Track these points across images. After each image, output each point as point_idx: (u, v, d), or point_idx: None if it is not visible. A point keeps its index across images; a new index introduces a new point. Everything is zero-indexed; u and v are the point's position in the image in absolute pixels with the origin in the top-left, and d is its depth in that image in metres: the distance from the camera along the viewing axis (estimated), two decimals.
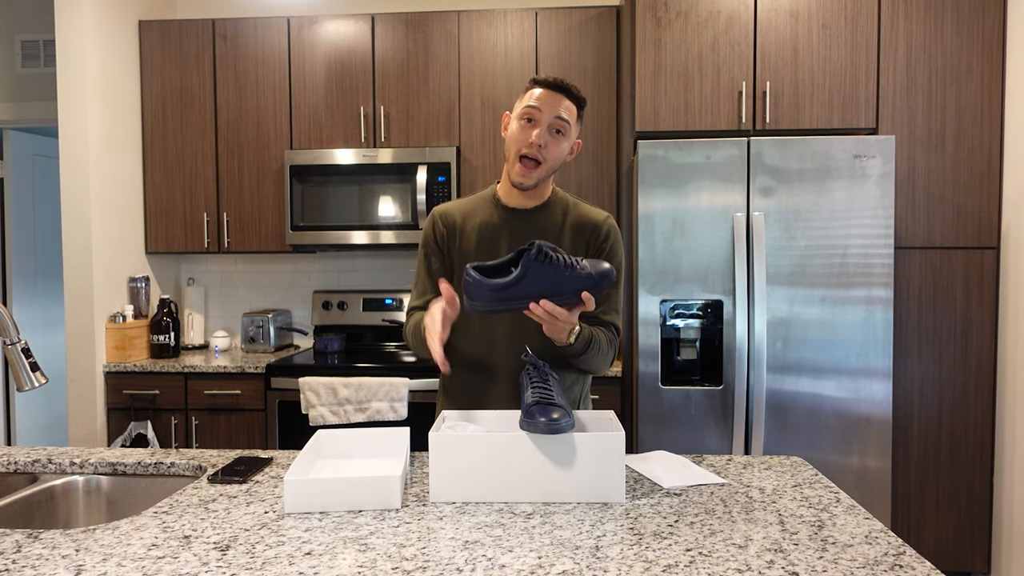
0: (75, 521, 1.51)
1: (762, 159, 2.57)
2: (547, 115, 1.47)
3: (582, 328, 1.43)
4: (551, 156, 1.50)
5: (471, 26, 3.15)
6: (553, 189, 1.63)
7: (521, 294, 1.30)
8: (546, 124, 1.48)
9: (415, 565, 0.99)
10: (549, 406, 1.27)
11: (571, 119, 1.50)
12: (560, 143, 1.51)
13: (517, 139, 1.50)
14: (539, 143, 1.47)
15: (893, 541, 1.07)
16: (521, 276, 1.29)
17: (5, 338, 1.34)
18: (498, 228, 1.59)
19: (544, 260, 1.28)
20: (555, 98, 1.48)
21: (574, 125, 1.51)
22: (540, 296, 1.30)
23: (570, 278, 1.30)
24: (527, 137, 1.49)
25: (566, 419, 1.24)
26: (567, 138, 1.51)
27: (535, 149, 1.48)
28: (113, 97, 3.13)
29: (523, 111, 1.49)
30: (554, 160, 1.51)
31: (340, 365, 2.92)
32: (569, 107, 1.50)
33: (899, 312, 2.76)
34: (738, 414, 2.57)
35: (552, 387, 1.34)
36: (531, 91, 1.51)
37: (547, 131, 1.48)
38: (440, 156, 3.09)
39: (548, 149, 1.49)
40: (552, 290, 1.30)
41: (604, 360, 1.55)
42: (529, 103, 1.49)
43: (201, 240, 3.30)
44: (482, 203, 1.63)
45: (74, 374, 3.01)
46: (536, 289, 1.30)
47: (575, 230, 1.59)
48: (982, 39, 2.71)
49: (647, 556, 1.02)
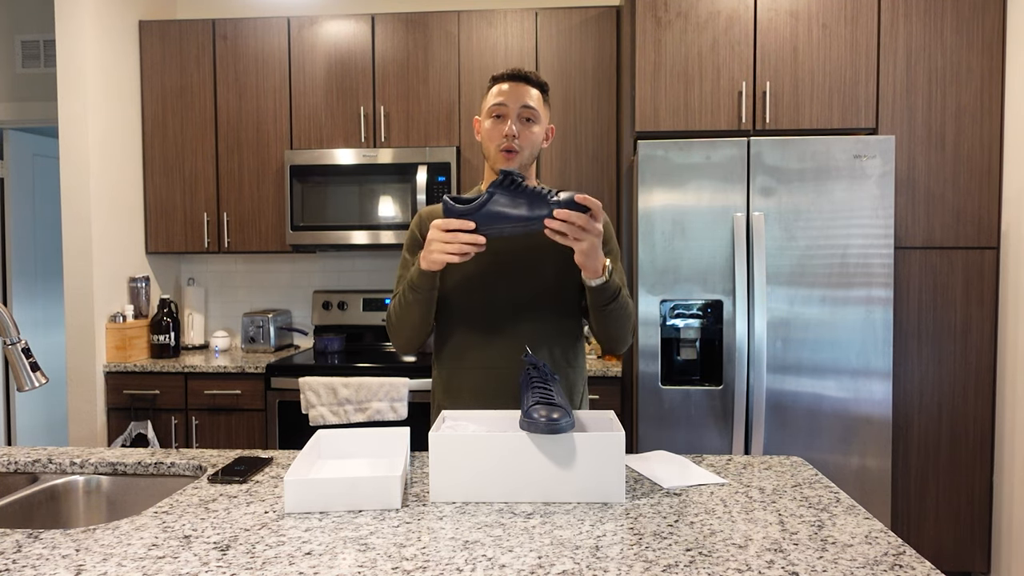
0: (75, 521, 1.51)
1: (762, 159, 2.57)
2: (513, 107, 1.53)
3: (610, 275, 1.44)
4: (527, 143, 1.55)
5: (471, 26, 3.15)
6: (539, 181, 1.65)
7: (497, 216, 1.34)
8: (515, 115, 1.53)
9: (415, 565, 0.99)
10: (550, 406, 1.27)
11: (537, 105, 1.55)
12: (532, 129, 1.55)
13: (491, 136, 1.56)
14: (513, 134, 1.52)
15: (893, 541, 1.07)
16: (488, 198, 1.34)
17: (5, 338, 1.34)
18: None
19: (511, 186, 1.34)
20: (517, 89, 1.54)
21: (542, 110, 1.57)
22: (514, 220, 1.34)
23: (540, 200, 1.33)
24: (500, 131, 1.54)
25: (566, 419, 1.24)
26: (538, 123, 1.56)
27: (510, 141, 1.53)
28: (113, 97, 3.13)
29: (490, 109, 1.55)
30: (531, 147, 1.56)
31: (340, 365, 2.92)
32: (533, 94, 1.55)
33: (899, 312, 2.76)
34: (738, 414, 2.57)
35: (552, 387, 1.34)
36: (492, 89, 1.57)
37: (517, 121, 1.54)
38: (440, 156, 3.09)
39: (522, 138, 1.54)
40: (525, 215, 1.33)
41: (629, 319, 1.55)
42: (494, 101, 1.55)
43: (201, 240, 3.30)
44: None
45: (74, 374, 3.01)
46: (509, 213, 1.34)
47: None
48: (982, 39, 2.71)
49: (647, 556, 1.02)
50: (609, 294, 1.46)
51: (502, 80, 1.57)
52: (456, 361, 1.61)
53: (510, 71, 1.57)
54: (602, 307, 1.49)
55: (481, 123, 1.60)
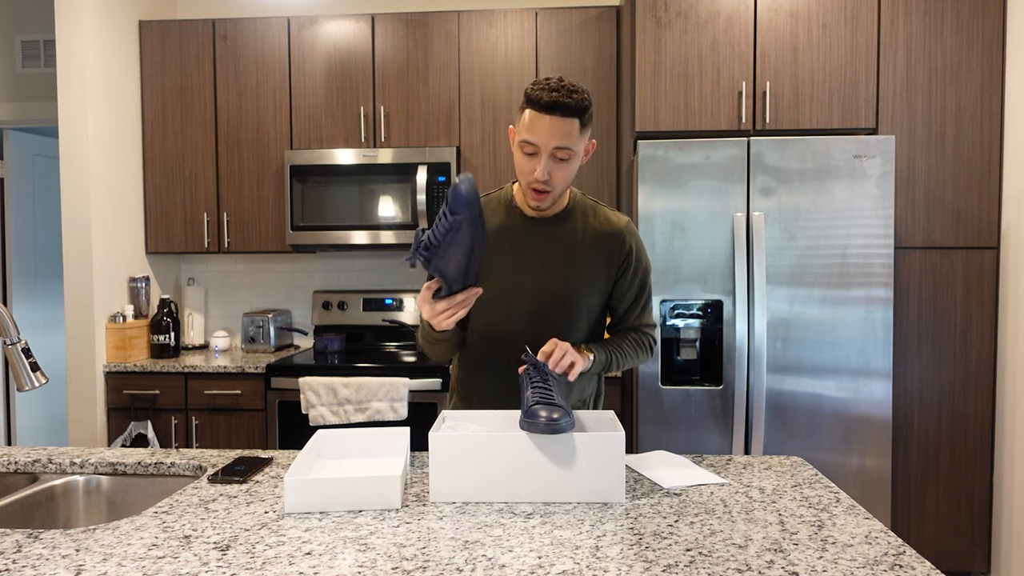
0: (75, 521, 1.51)
1: (762, 159, 2.57)
2: (545, 147, 1.40)
3: (596, 354, 1.51)
4: (558, 181, 1.45)
5: (471, 26, 3.15)
6: (571, 193, 1.59)
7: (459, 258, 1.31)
8: (546, 156, 1.41)
9: (415, 565, 0.99)
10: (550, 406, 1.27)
11: (571, 140, 1.41)
12: (566, 167, 1.44)
13: (523, 170, 1.46)
14: (543, 178, 1.42)
15: (893, 541, 1.07)
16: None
17: (5, 338, 1.34)
18: (517, 235, 1.56)
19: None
20: (550, 126, 1.38)
21: (579, 140, 1.43)
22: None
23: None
24: (531, 170, 1.44)
25: (566, 419, 1.24)
26: (573, 158, 1.44)
27: (541, 184, 1.44)
28: (113, 97, 3.13)
29: (522, 143, 1.43)
30: (563, 183, 1.47)
31: (340, 365, 2.92)
32: (567, 130, 1.39)
33: (899, 312, 2.76)
34: (738, 414, 2.57)
35: (552, 387, 1.34)
36: (526, 114, 1.42)
37: (549, 161, 1.42)
38: (440, 156, 3.09)
39: (554, 177, 1.44)
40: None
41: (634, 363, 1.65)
42: (526, 137, 1.41)
43: (201, 240, 3.30)
44: (498, 206, 1.59)
45: (74, 374, 3.01)
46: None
47: (595, 240, 1.56)
48: (982, 39, 2.71)
49: (647, 556, 1.02)
50: (605, 367, 1.56)
51: (536, 107, 1.39)
52: (475, 364, 1.62)
53: (546, 99, 1.37)
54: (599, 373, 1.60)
55: (514, 142, 1.48)
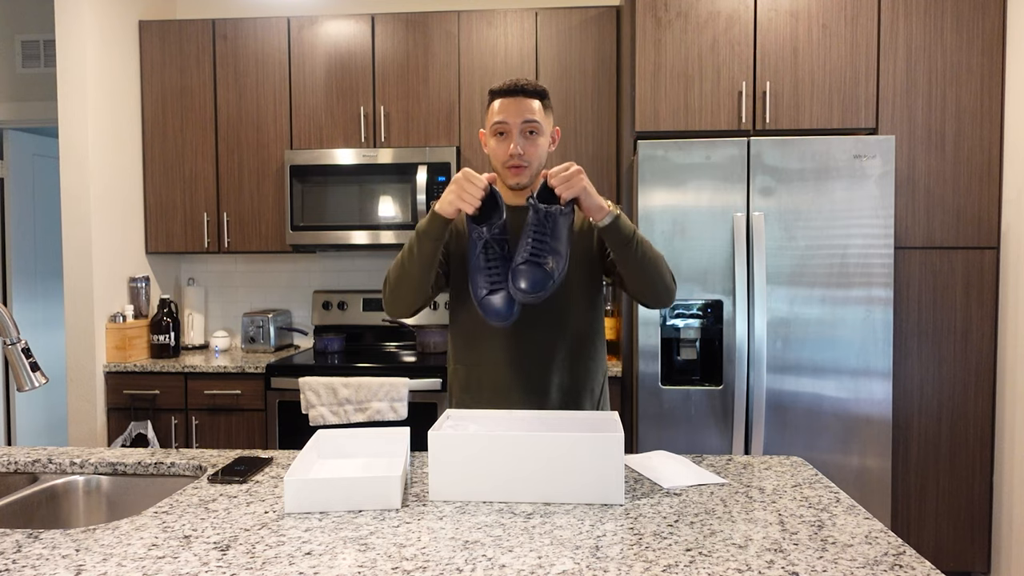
0: (75, 521, 1.51)
1: (762, 159, 2.57)
2: (515, 123, 1.54)
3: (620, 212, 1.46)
4: (533, 157, 1.57)
5: (471, 26, 3.15)
6: None
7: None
8: (517, 131, 1.54)
9: (415, 565, 0.99)
10: (536, 266, 1.28)
11: (539, 116, 1.56)
12: (537, 141, 1.57)
13: (497, 154, 1.58)
14: (517, 152, 1.54)
15: (893, 541, 1.07)
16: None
17: (5, 338, 1.34)
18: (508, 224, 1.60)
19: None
20: (517, 104, 1.54)
21: (544, 120, 1.57)
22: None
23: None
24: (505, 150, 1.56)
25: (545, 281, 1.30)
26: (542, 134, 1.57)
27: (516, 158, 1.55)
28: (113, 97, 3.13)
29: (493, 127, 1.57)
30: (538, 159, 1.58)
31: (340, 365, 2.92)
32: (533, 106, 1.55)
33: (899, 312, 2.76)
34: (738, 414, 2.57)
35: (548, 235, 1.36)
36: (492, 105, 1.57)
37: (521, 136, 1.55)
38: (440, 156, 3.09)
39: (528, 152, 1.56)
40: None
41: (659, 260, 1.51)
42: (496, 119, 1.55)
43: (201, 240, 3.30)
44: None
45: (74, 374, 3.01)
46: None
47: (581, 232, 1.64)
48: (982, 39, 2.71)
49: (647, 556, 1.02)
50: (627, 232, 1.45)
51: (500, 95, 1.56)
52: (475, 357, 1.63)
53: (507, 85, 1.56)
54: (624, 248, 1.46)
55: (486, 139, 1.61)
